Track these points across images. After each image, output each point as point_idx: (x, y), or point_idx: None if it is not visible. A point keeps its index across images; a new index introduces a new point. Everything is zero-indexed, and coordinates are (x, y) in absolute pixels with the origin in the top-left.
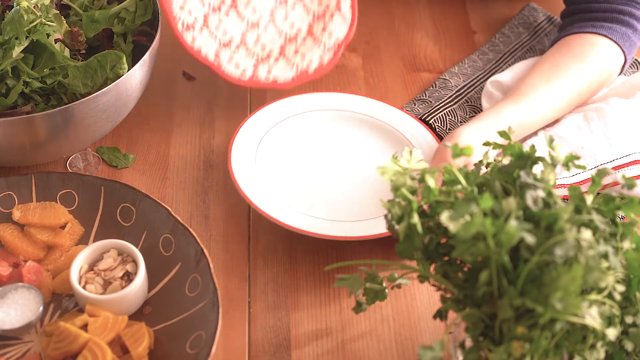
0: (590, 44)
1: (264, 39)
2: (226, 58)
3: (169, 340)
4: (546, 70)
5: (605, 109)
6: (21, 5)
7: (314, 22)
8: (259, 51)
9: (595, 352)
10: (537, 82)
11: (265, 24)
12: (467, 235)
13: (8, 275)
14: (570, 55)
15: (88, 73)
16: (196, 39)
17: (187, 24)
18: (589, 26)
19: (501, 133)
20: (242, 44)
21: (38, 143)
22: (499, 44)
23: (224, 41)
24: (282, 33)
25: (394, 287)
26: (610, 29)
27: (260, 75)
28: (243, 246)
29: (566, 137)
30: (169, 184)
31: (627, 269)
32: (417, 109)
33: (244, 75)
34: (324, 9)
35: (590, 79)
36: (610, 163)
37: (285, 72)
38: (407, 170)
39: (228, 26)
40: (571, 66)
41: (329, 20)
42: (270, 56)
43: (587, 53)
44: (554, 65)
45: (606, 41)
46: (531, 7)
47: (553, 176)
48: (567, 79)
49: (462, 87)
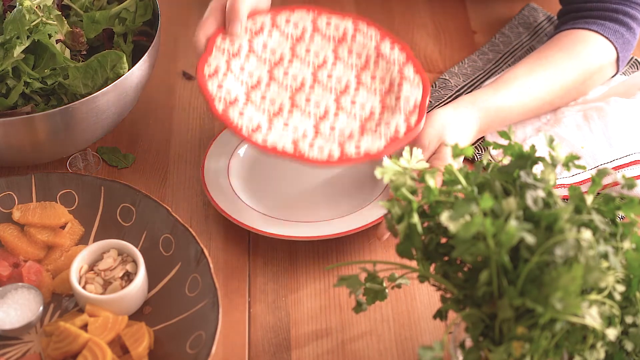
0: (580, 39)
1: (339, 125)
2: (306, 146)
3: (169, 340)
4: (532, 62)
5: (606, 108)
6: (24, 5)
7: (384, 97)
8: (337, 135)
9: (595, 352)
10: (519, 72)
11: (335, 112)
12: (467, 235)
13: (8, 275)
14: (557, 49)
15: (88, 73)
16: (267, 139)
17: (252, 128)
18: (582, 22)
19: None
20: (318, 133)
21: (38, 143)
22: (499, 44)
23: (297, 136)
24: (356, 116)
25: (394, 287)
26: (602, 26)
27: (350, 153)
28: (243, 246)
29: (566, 137)
30: (169, 184)
31: (627, 269)
32: None
33: (331, 157)
34: (389, 84)
35: (577, 72)
36: (611, 163)
37: (375, 143)
38: (407, 170)
39: (298, 124)
40: (557, 58)
41: (399, 90)
42: (353, 136)
43: (575, 47)
44: (540, 57)
45: (597, 36)
46: (531, 7)
47: (553, 176)
48: (551, 70)
49: (461, 87)
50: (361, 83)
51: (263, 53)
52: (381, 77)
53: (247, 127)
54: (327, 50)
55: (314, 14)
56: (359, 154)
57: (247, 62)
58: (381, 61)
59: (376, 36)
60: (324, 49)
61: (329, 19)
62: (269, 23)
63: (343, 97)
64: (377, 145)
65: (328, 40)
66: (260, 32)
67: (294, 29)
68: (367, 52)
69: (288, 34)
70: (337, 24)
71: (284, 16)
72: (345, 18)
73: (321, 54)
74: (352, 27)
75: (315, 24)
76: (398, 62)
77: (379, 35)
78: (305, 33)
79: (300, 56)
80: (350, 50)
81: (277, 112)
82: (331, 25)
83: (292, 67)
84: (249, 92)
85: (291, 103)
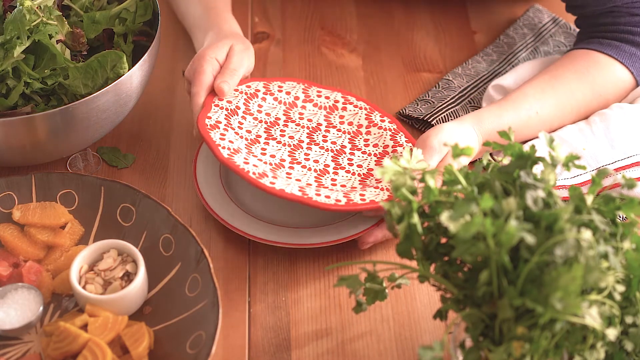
0: (594, 62)
1: (340, 180)
2: (312, 193)
3: (169, 340)
4: (544, 81)
5: (607, 112)
6: (24, 6)
7: (380, 159)
8: (339, 188)
9: (595, 352)
10: (529, 91)
11: (334, 169)
12: (467, 235)
13: (8, 275)
14: (572, 70)
15: (89, 74)
16: (275, 183)
17: (258, 174)
18: (596, 43)
19: (501, 133)
20: (321, 185)
21: (38, 143)
22: (503, 45)
23: (302, 184)
24: (355, 173)
25: (394, 287)
26: (617, 49)
27: (355, 200)
28: (243, 246)
29: (568, 139)
30: (169, 184)
31: (627, 269)
32: (419, 109)
33: (338, 203)
34: (383, 149)
35: (589, 96)
36: (612, 165)
37: (379, 195)
38: (407, 170)
39: (301, 177)
40: (570, 80)
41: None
42: (356, 189)
43: (589, 71)
44: (553, 77)
45: (613, 62)
46: (536, 8)
47: (553, 176)
48: (561, 92)
49: (465, 88)
50: (355, 146)
51: (259, 114)
52: (374, 143)
53: (253, 173)
54: (320, 117)
55: (304, 85)
56: (365, 201)
57: (244, 120)
58: (373, 128)
59: (366, 107)
60: (317, 115)
61: (319, 91)
62: (263, 89)
63: (340, 158)
64: (381, 196)
65: (320, 108)
66: (255, 96)
67: (286, 96)
68: (359, 120)
69: (281, 100)
70: (328, 94)
71: (276, 84)
72: (335, 91)
73: (314, 119)
74: (342, 99)
75: (307, 93)
76: (390, 129)
77: (368, 107)
78: (297, 100)
79: (295, 120)
80: (342, 117)
81: (279, 164)
82: (322, 95)
83: (288, 128)
84: (249, 146)
85: (291, 159)
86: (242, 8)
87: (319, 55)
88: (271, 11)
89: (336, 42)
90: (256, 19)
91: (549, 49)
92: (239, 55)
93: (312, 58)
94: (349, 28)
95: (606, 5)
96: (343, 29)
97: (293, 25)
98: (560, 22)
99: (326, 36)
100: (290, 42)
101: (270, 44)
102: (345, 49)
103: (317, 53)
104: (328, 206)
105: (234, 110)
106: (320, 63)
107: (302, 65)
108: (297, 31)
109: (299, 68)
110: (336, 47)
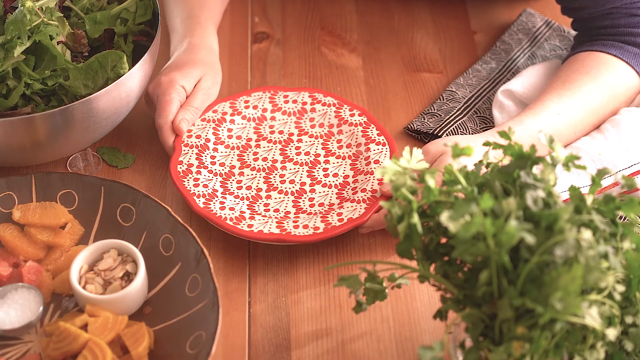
0: (602, 62)
1: (317, 199)
2: (290, 226)
3: (169, 340)
4: (559, 89)
5: (617, 117)
6: (25, 6)
7: (354, 161)
8: (317, 209)
9: (595, 352)
10: (547, 99)
11: (310, 186)
12: (467, 235)
13: (8, 275)
14: (583, 72)
15: (89, 74)
16: (253, 225)
17: (235, 218)
18: (599, 45)
19: (501, 133)
20: (299, 210)
21: (38, 143)
22: (500, 52)
23: (279, 216)
24: (331, 185)
25: (394, 287)
26: (621, 49)
27: (334, 222)
28: (243, 246)
29: (582, 147)
30: (169, 184)
31: (627, 269)
32: (427, 123)
33: (317, 231)
34: (356, 148)
35: (605, 97)
36: (629, 169)
37: (356, 210)
38: (407, 170)
39: (278, 205)
40: (584, 83)
41: (367, 151)
42: (333, 207)
43: (600, 71)
44: (566, 83)
45: (618, 61)
46: (528, 12)
47: (553, 176)
48: (578, 95)
49: (469, 98)
50: (329, 151)
51: (229, 140)
52: (347, 143)
53: (230, 219)
54: (291, 125)
55: (270, 93)
56: (343, 221)
57: (216, 152)
58: (344, 126)
59: (334, 103)
60: (287, 125)
61: (286, 95)
62: (230, 110)
63: (315, 170)
64: (358, 211)
65: (289, 115)
66: (223, 120)
67: (254, 111)
68: (329, 120)
69: (249, 116)
70: (295, 98)
71: (242, 100)
72: (302, 92)
73: (285, 129)
74: (310, 98)
75: (274, 102)
76: (360, 124)
77: (336, 101)
78: (265, 112)
79: (266, 136)
80: (313, 120)
81: (256, 196)
82: (289, 100)
83: (260, 149)
84: (225, 182)
85: (267, 186)
86: (242, 8)
87: (319, 55)
88: (271, 11)
89: (336, 42)
90: (256, 19)
91: (545, 53)
92: (204, 94)
93: (312, 58)
94: (349, 28)
95: (605, 6)
96: (343, 28)
97: (293, 25)
98: (554, 25)
99: (326, 36)
100: (290, 42)
101: (270, 43)
102: (345, 48)
103: (317, 53)
104: (307, 238)
105: (204, 145)
106: (320, 63)
107: (302, 65)
108: (297, 31)
109: (298, 68)
110: (336, 47)
